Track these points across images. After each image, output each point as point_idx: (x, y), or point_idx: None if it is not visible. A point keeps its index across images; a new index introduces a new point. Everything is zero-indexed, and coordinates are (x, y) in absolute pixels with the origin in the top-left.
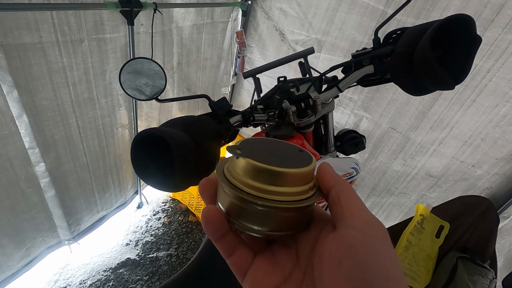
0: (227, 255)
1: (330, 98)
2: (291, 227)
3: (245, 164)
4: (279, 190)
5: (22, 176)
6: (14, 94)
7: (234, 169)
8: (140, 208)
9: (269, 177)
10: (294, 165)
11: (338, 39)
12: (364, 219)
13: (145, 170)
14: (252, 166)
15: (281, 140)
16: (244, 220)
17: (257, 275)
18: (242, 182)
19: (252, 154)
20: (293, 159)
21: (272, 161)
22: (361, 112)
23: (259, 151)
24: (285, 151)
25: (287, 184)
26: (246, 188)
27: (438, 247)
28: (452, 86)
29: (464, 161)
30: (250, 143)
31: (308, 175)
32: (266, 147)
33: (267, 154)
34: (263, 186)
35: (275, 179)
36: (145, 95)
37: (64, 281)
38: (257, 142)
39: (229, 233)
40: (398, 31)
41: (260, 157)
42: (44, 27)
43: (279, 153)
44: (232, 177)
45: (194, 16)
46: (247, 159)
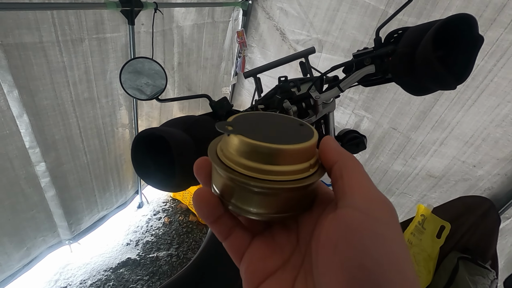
0: (223, 238)
1: (331, 98)
2: (290, 209)
3: (237, 141)
4: (276, 169)
5: (22, 175)
6: (14, 94)
7: (226, 148)
8: (141, 208)
9: (264, 155)
10: (293, 141)
11: (339, 39)
12: (368, 197)
13: (146, 170)
14: (245, 143)
15: (280, 114)
16: (239, 203)
17: (254, 258)
18: (235, 161)
19: (245, 130)
20: (292, 134)
21: (267, 137)
22: (362, 112)
23: (253, 126)
24: (284, 126)
25: (285, 162)
26: (239, 169)
27: (439, 247)
28: (454, 86)
29: (465, 161)
30: (244, 118)
31: (308, 151)
32: (262, 122)
33: (263, 130)
34: (258, 165)
35: (271, 157)
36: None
37: (65, 280)
38: (252, 117)
39: (225, 215)
40: (400, 30)
41: (255, 133)
42: (44, 27)
43: (277, 128)
44: (224, 156)
45: (194, 16)
46: (239, 136)
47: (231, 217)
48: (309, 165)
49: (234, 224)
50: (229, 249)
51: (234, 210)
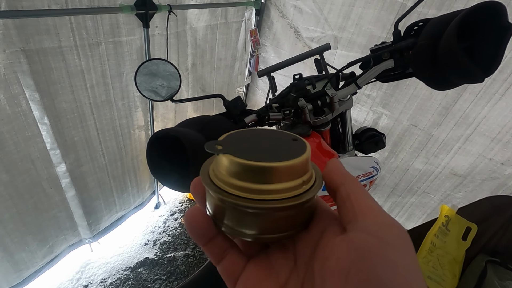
0: (217, 261)
1: (348, 95)
2: (286, 228)
3: (226, 161)
4: (267, 188)
5: (44, 176)
6: (36, 98)
7: (217, 169)
8: (158, 209)
9: (254, 173)
10: (284, 157)
11: (355, 34)
12: (380, 220)
13: (161, 171)
14: (233, 163)
15: (273, 129)
16: (232, 224)
17: (248, 283)
18: (226, 182)
19: (235, 149)
20: (284, 150)
21: (258, 155)
22: (380, 109)
23: (244, 144)
24: (276, 142)
25: (276, 180)
26: (230, 189)
27: (465, 250)
28: (481, 79)
29: (492, 158)
30: (235, 136)
31: (300, 167)
32: (253, 139)
33: (253, 148)
34: (248, 185)
35: (261, 176)
36: (161, 96)
37: (86, 279)
38: (243, 134)
39: (218, 237)
40: (420, 22)
41: (245, 151)
42: (63, 32)
43: (268, 144)
44: (216, 177)
45: (208, 17)
46: (228, 156)
47: (225, 238)
48: (302, 182)
49: (228, 247)
50: (223, 273)
51: (228, 231)
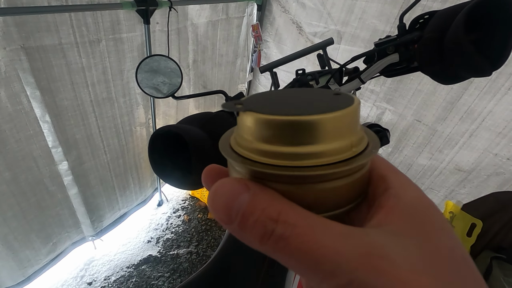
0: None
1: (352, 90)
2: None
3: (250, 121)
4: (307, 150)
5: (46, 174)
6: (37, 95)
7: (240, 136)
8: (161, 206)
9: (289, 133)
10: (324, 110)
11: (359, 29)
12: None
13: (163, 168)
14: (261, 121)
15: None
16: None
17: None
18: (252, 149)
19: (259, 107)
20: (325, 104)
21: (290, 109)
22: (384, 104)
23: (272, 103)
24: (312, 97)
25: (318, 140)
26: (258, 157)
27: (470, 246)
28: (489, 72)
29: (498, 154)
30: (259, 96)
31: (347, 122)
32: (282, 98)
33: (284, 104)
34: (281, 149)
35: (298, 135)
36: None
37: (90, 276)
38: (269, 94)
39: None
40: (426, 15)
41: (272, 108)
42: (63, 29)
43: (302, 100)
44: (240, 147)
45: (209, 13)
46: (252, 114)
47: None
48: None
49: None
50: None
51: None
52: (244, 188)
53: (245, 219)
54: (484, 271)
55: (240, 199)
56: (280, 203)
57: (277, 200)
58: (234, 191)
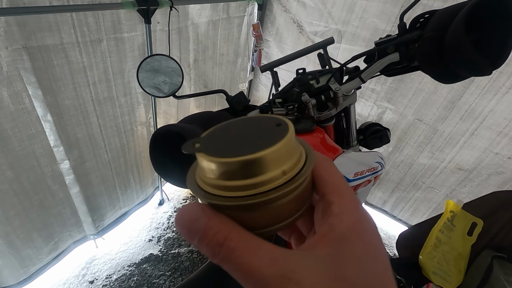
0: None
1: (352, 89)
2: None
3: (205, 162)
4: (249, 182)
5: (48, 173)
6: (38, 95)
7: (200, 170)
8: (162, 205)
9: (231, 170)
10: (261, 146)
11: (359, 28)
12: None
13: (164, 167)
14: (211, 162)
15: (255, 116)
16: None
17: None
18: (217, 185)
19: (212, 146)
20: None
21: (233, 149)
22: (385, 104)
23: (224, 138)
24: (257, 130)
25: (258, 172)
26: (212, 190)
27: (470, 245)
28: (489, 71)
29: (499, 153)
30: (214, 132)
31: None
32: (233, 131)
33: (233, 140)
34: (229, 183)
35: (240, 171)
36: (163, 93)
37: (92, 275)
38: (222, 128)
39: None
40: (426, 14)
41: (221, 147)
42: (64, 28)
43: (249, 134)
44: (205, 183)
45: (209, 12)
46: (204, 155)
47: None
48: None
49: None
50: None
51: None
52: (201, 214)
53: (200, 241)
54: (485, 271)
55: (197, 224)
56: (226, 228)
57: (225, 225)
58: (193, 216)
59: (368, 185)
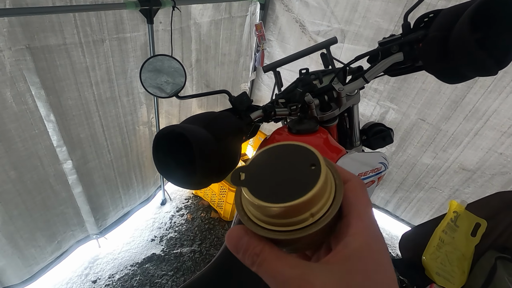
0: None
1: (355, 89)
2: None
3: (248, 198)
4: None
5: (51, 173)
6: (42, 95)
7: (248, 205)
8: (164, 205)
9: (271, 212)
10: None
11: (362, 27)
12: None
13: (167, 168)
14: (251, 201)
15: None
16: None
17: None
18: (257, 216)
19: (254, 181)
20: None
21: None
22: (388, 103)
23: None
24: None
25: (295, 214)
26: (260, 222)
27: (474, 246)
28: (495, 71)
29: (503, 153)
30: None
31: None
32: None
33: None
34: (269, 219)
35: (280, 213)
36: (166, 93)
37: (94, 274)
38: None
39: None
40: (431, 14)
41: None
42: (67, 29)
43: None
44: (249, 211)
45: (211, 12)
46: (247, 192)
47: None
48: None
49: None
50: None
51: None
52: (244, 234)
53: (243, 254)
54: (489, 271)
55: (241, 241)
56: (261, 244)
57: (261, 242)
58: (239, 235)
59: (372, 185)
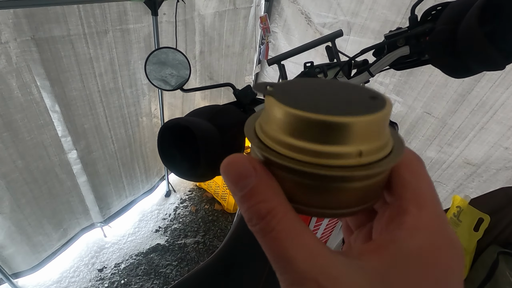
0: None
1: (360, 83)
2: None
3: (275, 108)
4: (333, 150)
5: (56, 162)
6: (46, 86)
7: (265, 119)
8: (168, 197)
9: (319, 131)
10: (356, 112)
11: (369, 20)
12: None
13: (172, 160)
14: (281, 110)
15: (343, 81)
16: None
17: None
18: (279, 141)
19: (288, 95)
20: (357, 105)
21: (319, 107)
22: (393, 96)
23: (303, 92)
24: (346, 96)
25: (340, 141)
26: (282, 149)
27: (476, 241)
28: (503, 66)
29: (508, 147)
30: (293, 82)
31: (373, 129)
32: (317, 88)
33: (314, 98)
34: (309, 146)
35: (327, 134)
36: (171, 86)
37: (101, 263)
38: (305, 82)
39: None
40: (439, 6)
41: (300, 99)
42: (71, 20)
43: (335, 97)
44: (265, 135)
45: (216, 3)
46: (275, 101)
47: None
48: (377, 147)
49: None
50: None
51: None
52: (252, 172)
53: (242, 201)
54: (490, 266)
55: (245, 181)
56: (274, 200)
57: (273, 196)
58: (243, 171)
59: None
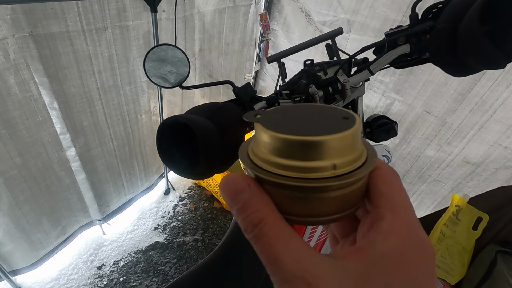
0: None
1: (360, 81)
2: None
3: (262, 134)
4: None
5: (55, 160)
6: (45, 82)
7: (256, 146)
8: (168, 195)
9: (298, 149)
10: (329, 131)
11: (369, 18)
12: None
13: (171, 158)
14: (267, 135)
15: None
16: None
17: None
18: (266, 160)
19: (273, 121)
20: (330, 125)
21: (296, 128)
22: (393, 95)
23: (285, 117)
24: (321, 119)
25: (316, 157)
26: (269, 167)
27: (475, 240)
28: (503, 65)
29: (508, 146)
30: (277, 110)
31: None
32: (297, 113)
33: (294, 121)
34: (291, 162)
35: (305, 152)
36: (170, 83)
37: (99, 261)
38: (286, 108)
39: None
40: (440, 5)
41: (282, 124)
42: (70, 16)
43: (312, 121)
44: (255, 156)
45: (216, 0)
46: (262, 127)
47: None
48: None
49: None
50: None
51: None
52: (245, 187)
53: (238, 213)
54: (489, 265)
55: (239, 196)
56: (265, 210)
57: (264, 207)
58: (238, 187)
59: None
